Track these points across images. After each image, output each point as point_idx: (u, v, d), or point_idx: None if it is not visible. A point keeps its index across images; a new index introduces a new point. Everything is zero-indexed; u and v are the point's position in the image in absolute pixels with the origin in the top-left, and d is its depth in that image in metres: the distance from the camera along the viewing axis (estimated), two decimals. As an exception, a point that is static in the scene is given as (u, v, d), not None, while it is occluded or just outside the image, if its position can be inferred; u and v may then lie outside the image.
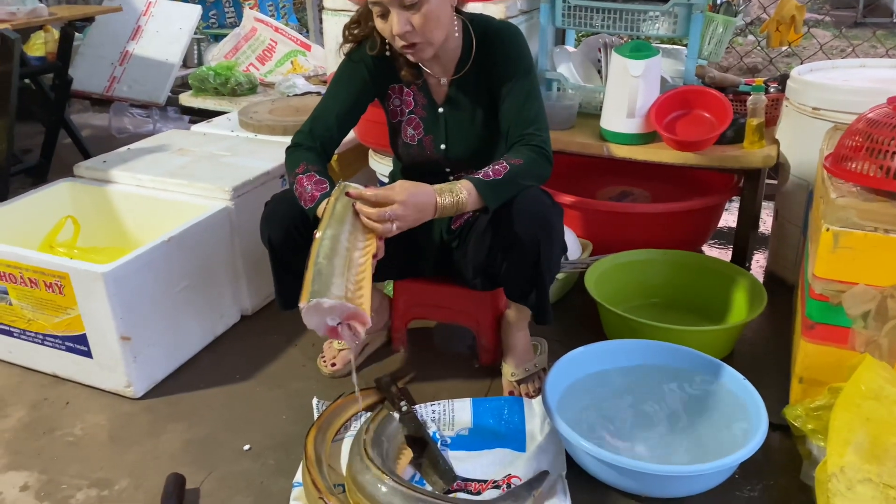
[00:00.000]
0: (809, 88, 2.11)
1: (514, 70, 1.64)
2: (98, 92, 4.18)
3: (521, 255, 1.59)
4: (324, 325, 1.37)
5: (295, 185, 1.61)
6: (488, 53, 1.66)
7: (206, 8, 4.81)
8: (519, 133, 1.62)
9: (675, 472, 1.48)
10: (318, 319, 1.36)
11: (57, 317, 1.84)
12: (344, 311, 1.35)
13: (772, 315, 2.12)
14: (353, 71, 1.70)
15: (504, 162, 1.55)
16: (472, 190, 1.50)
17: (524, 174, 1.56)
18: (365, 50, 1.68)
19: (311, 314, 1.35)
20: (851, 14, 6.71)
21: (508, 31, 1.68)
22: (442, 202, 1.49)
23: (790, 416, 1.58)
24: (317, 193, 1.56)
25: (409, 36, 1.52)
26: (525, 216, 1.56)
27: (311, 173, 1.60)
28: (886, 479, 1.32)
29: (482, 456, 1.63)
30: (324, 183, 1.58)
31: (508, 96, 1.64)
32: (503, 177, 1.53)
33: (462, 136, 1.73)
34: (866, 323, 1.50)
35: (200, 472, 1.64)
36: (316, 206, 1.54)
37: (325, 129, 1.69)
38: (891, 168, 1.51)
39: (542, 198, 1.62)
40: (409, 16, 1.50)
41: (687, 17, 2.29)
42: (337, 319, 1.36)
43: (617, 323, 1.99)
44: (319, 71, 3.93)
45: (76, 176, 2.31)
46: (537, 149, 1.59)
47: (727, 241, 2.66)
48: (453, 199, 1.49)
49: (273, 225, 1.67)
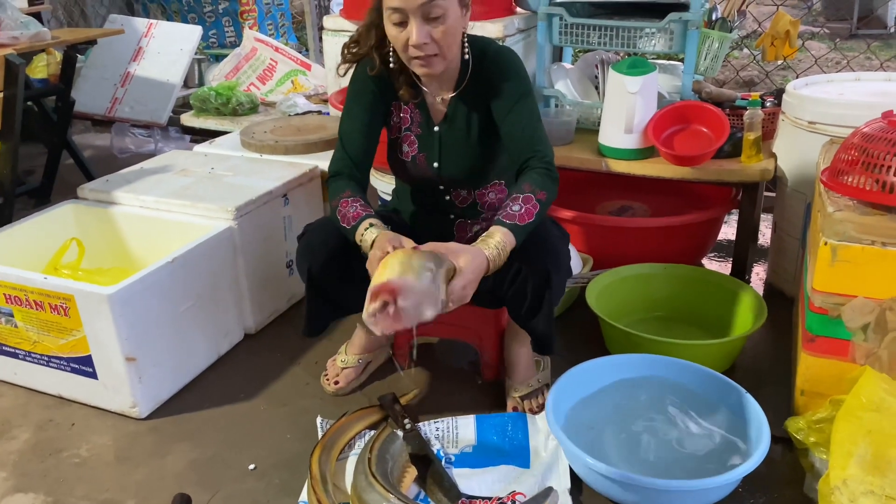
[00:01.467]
0: (805, 102, 2.14)
1: (514, 91, 1.66)
2: (100, 113, 4.21)
3: (529, 283, 1.61)
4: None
5: (338, 208, 1.63)
6: (485, 74, 1.68)
7: (206, 28, 4.85)
8: (530, 152, 1.63)
9: (680, 487, 1.48)
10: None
11: (62, 338, 1.86)
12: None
13: (772, 328, 2.13)
14: (363, 87, 1.72)
15: (533, 198, 1.55)
16: (509, 236, 1.51)
17: (548, 207, 1.59)
18: (366, 69, 1.70)
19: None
20: (846, 26, 6.75)
21: (506, 53, 1.70)
22: (491, 257, 1.48)
23: (792, 428, 1.59)
24: (362, 212, 1.59)
25: (426, 48, 1.54)
26: (537, 247, 1.58)
27: (357, 198, 1.63)
28: (889, 490, 1.33)
29: (486, 473, 1.64)
30: (368, 208, 1.61)
31: (511, 116, 1.65)
32: (535, 218, 1.54)
33: (456, 155, 1.75)
34: (866, 335, 1.51)
35: (206, 492, 1.64)
36: (358, 225, 1.57)
37: (356, 149, 1.71)
38: (887, 182, 1.52)
39: (553, 229, 1.66)
40: (430, 28, 1.52)
41: (683, 33, 2.32)
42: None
43: (619, 337, 2.01)
44: (320, 90, 3.96)
45: (80, 198, 2.33)
46: (549, 170, 1.62)
47: (727, 255, 2.67)
48: (499, 251, 1.49)
49: (312, 256, 1.69)
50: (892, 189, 1.52)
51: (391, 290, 1.33)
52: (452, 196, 1.82)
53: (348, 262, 1.66)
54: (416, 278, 1.34)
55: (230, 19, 4.96)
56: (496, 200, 1.83)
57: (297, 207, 2.32)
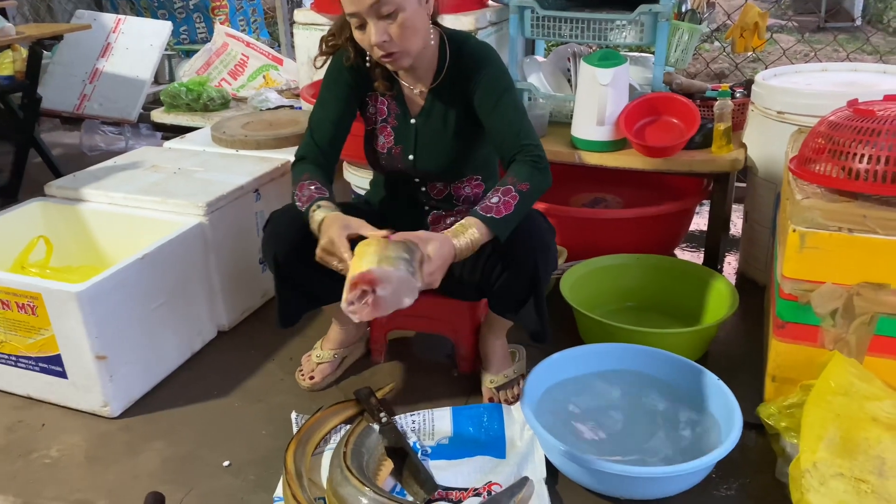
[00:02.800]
0: (774, 93, 2.16)
1: (497, 86, 1.65)
2: (68, 110, 4.14)
3: (517, 275, 1.62)
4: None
5: (296, 191, 1.63)
6: (464, 68, 1.67)
7: (176, 24, 4.79)
8: (517, 146, 1.62)
9: (654, 474, 1.50)
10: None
11: (30, 338, 1.82)
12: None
13: (744, 316, 2.16)
14: (337, 77, 1.73)
15: (513, 189, 1.54)
16: (482, 229, 1.50)
17: (532, 198, 1.57)
18: (342, 60, 1.70)
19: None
20: (814, 19, 6.85)
21: (485, 48, 1.70)
22: (459, 246, 1.48)
23: (764, 414, 1.60)
24: (315, 195, 1.58)
25: (386, 45, 1.54)
26: (525, 240, 1.58)
27: (314, 181, 1.63)
28: (857, 472, 1.35)
29: (463, 464, 1.64)
30: (324, 191, 1.61)
31: (496, 112, 1.64)
32: (514, 210, 1.52)
33: (432, 149, 1.75)
34: (834, 321, 1.53)
35: (180, 489, 1.63)
36: (311, 206, 1.56)
37: (323, 137, 1.72)
38: (853, 169, 1.55)
39: (541, 221, 1.65)
40: (385, 25, 1.52)
41: (653, 25, 2.34)
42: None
43: (593, 327, 2.02)
44: (292, 85, 3.92)
45: (47, 195, 2.29)
46: (538, 162, 1.60)
47: (699, 245, 2.70)
48: (468, 241, 1.49)
49: (277, 243, 1.68)
50: (857, 176, 1.54)
51: (370, 279, 1.34)
52: (428, 188, 1.82)
53: (314, 248, 1.63)
54: (393, 268, 1.35)
55: (201, 15, 4.90)
56: (472, 194, 1.82)
57: (268, 202, 2.30)
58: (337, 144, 1.73)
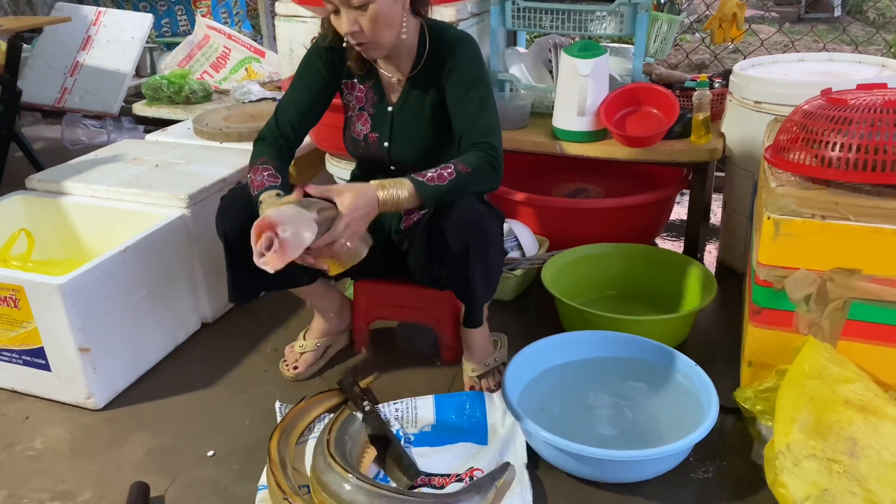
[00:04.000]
0: (751, 83, 2.19)
1: (467, 77, 1.66)
2: (49, 104, 4.10)
3: (454, 262, 1.63)
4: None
5: (250, 174, 1.65)
6: (442, 58, 1.68)
7: (158, 16, 4.76)
8: (473, 141, 1.63)
9: (632, 457, 1.52)
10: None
11: (13, 331, 1.82)
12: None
13: (723, 303, 2.19)
14: (311, 63, 1.74)
15: (453, 168, 1.56)
16: (411, 189, 1.52)
17: (471, 183, 1.57)
18: (321, 42, 1.71)
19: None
20: (794, 10, 6.89)
21: (464, 39, 1.70)
22: (382, 197, 1.51)
23: (740, 398, 1.63)
24: (265, 183, 1.59)
25: (356, 36, 1.56)
26: (457, 225, 1.59)
27: (268, 166, 1.63)
28: (830, 453, 1.38)
29: (445, 451, 1.66)
30: (277, 178, 1.61)
31: (461, 103, 1.65)
32: (447, 184, 1.54)
33: (407, 137, 1.76)
34: (808, 306, 1.56)
35: (164, 479, 1.64)
36: (261, 194, 1.57)
37: (287, 121, 1.73)
38: (825, 157, 1.57)
39: (477, 206, 1.64)
40: (356, 16, 1.53)
41: (632, 16, 2.36)
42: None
43: (574, 316, 2.04)
44: (274, 77, 3.92)
45: (28, 189, 2.28)
46: (489, 158, 1.60)
47: (679, 234, 2.73)
48: (392, 195, 1.51)
49: (228, 219, 1.68)
50: (829, 163, 1.57)
51: (269, 223, 1.39)
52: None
53: None
54: (287, 209, 1.41)
55: (183, 7, 4.87)
56: None
57: (252, 194, 2.30)
58: (300, 130, 1.74)
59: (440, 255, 1.65)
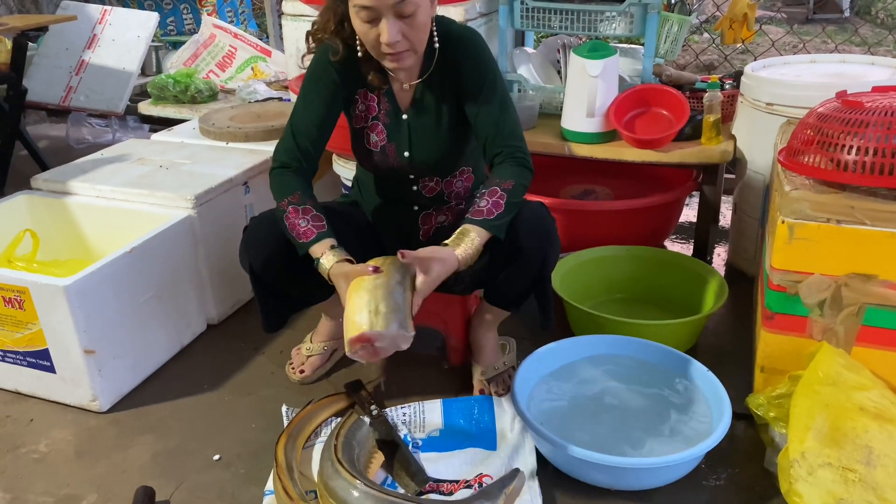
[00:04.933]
0: (763, 84, 2.17)
1: (482, 78, 1.63)
2: (54, 102, 4.10)
3: (525, 266, 1.62)
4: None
5: (286, 214, 1.58)
6: (451, 58, 1.64)
7: (164, 15, 4.75)
8: (500, 146, 1.61)
9: (644, 465, 1.50)
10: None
11: (18, 332, 1.81)
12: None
13: (733, 307, 2.17)
14: (323, 75, 1.66)
15: (498, 189, 1.55)
16: (482, 233, 1.51)
17: (518, 194, 1.58)
18: (332, 57, 1.63)
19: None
20: (803, 11, 6.86)
21: (470, 36, 1.66)
22: (463, 257, 1.48)
23: (753, 404, 1.61)
24: (313, 231, 1.55)
25: (398, 45, 1.50)
26: (531, 231, 1.59)
27: (307, 206, 1.58)
28: (845, 462, 1.37)
29: (453, 456, 1.64)
30: (321, 220, 1.57)
31: (482, 106, 1.62)
32: (504, 209, 1.54)
33: (426, 143, 1.71)
34: (822, 311, 1.54)
35: (170, 483, 1.62)
36: (311, 244, 1.54)
37: (307, 139, 1.66)
38: (841, 160, 1.55)
39: (542, 211, 1.65)
40: (402, 25, 1.48)
41: (643, 16, 2.33)
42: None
43: (583, 319, 2.02)
44: (280, 76, 3.90)
45: (34, 188, 2.27)
46: (521, 160, 1.61)
47: (688, 236, 2.70)
48: (469, 249, 1.49)
49: (253, 251, 1.66)
50: (846, 167, 1.54)
51: (366, 339, 1.42)
52: (420, 186, 1.78)
53: (291, 257, 1.60)
54: (384, 328, 1.42)
55: (188, 6, 4.86)
56: (463, 189, 1.81)
57: (258, 195, 2.29)
58: (319, 147, 1.68)
59: (509, 260, 1.62)
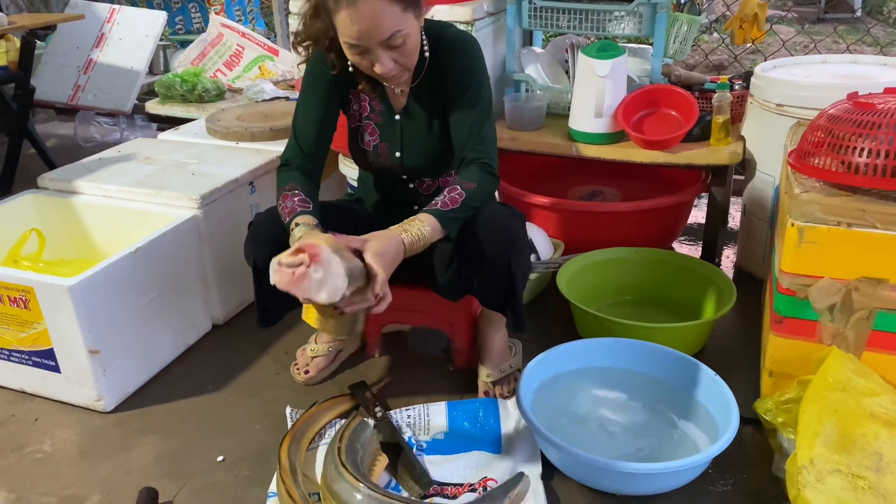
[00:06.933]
0: (773, 85, 2.14)
1: (467, 83, 1.63)
2: (62, 101, 4.11)
3: (492, 271, 1.60)
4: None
5: (279, 201, 1.62)
6: (442, 63, 1.65)
7: (172, 14, 4.75)
8: (471, 150, 1.62)
9: (651, 470, 1.49)
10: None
11: (23, 332, 1.81)
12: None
13: (742, 310, 2.14)
14: (319, 76, 1.69)
15: (458, 188, 1.57)
16: (433, 223, 1.51)
17: (477, 198, 1.58)
18: (330, 70, 1.65)
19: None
20: (814, 10, 6.82)
21: (463, 42, 1.66)
22: (409, 242, 1.49)
23: (761, 409, 1.59)
24: (297, 208, 1.57)
25: (392, 71, 1.53)
26: (491, 234, 1.57)
27: (297, 192, 1.61)
28: (855, 469, 1.34)
29: (458, 459, 1.63)
30: (308, 203, 1.59)
31: (461, 111, 1.64)
32: (460, 205, 1.54)
33: (418, 145, 1.73)
34: (832, 316, 1.52)
35: (173, 485, 1.62)
36: (293, 219, 1.55)
37: (309, 140, 1.69)
38: (852, 163, 1.53)
39: (502, 211, 1.64)
40: (393, 54, 1.51)
41: (652, 16, 2.31)
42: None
43: (590, 322, 2.01)
44: (288, 75, 3.90)
45: (40, 188, 2.27)
46: (487, 167, 1.61)
47: (697, 238, 2.68)
48: (416, 235, 1.50)
49: (258, 246, 1.66)
50: (857, 170, 1.52)
51: (315, 254, 1.35)
52: (416, 184, 1.80)
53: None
54: (341, 262, 1.36)
55: (196, 5, 4.86)
56: None
57: (264, 195, 2.28)
58: (322, 145, 1.71)
59: (476, 266, 1.62)
